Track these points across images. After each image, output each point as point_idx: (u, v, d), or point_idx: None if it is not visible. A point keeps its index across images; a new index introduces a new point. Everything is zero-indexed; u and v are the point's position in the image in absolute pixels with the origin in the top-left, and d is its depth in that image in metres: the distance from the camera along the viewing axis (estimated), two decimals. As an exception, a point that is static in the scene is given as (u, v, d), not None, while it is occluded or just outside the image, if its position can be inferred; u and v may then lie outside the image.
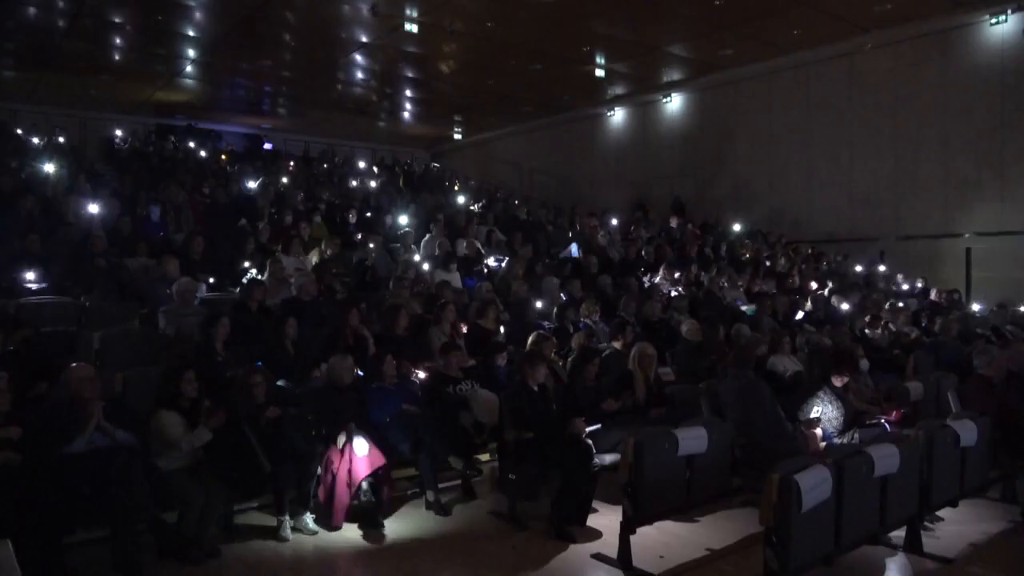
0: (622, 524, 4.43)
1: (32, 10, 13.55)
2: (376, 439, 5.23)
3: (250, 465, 4.73)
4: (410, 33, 13.91)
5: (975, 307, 11.85)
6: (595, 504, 5.16)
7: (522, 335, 7.14)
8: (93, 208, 7.80)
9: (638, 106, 19.77)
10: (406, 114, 22.05)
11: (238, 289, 7.36)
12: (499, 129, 23.52)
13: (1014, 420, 5.54)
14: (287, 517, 4.85)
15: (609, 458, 5.18)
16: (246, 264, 8.18)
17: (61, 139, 17.11)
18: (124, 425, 4.43)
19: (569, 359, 6.80)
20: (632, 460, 4.31)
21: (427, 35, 14.34)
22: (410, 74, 17.67)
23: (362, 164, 20.30)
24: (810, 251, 14.25)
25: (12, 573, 2.24)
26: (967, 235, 13.27)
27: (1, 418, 4.06)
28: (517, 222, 13.65)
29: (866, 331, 8.97)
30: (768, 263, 12.87)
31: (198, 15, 13.75)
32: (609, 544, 4.61)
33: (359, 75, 17.87)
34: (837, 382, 5.61)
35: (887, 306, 10.37)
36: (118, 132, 19.07)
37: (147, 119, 20.90)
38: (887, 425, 5.63)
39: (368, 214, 12.36)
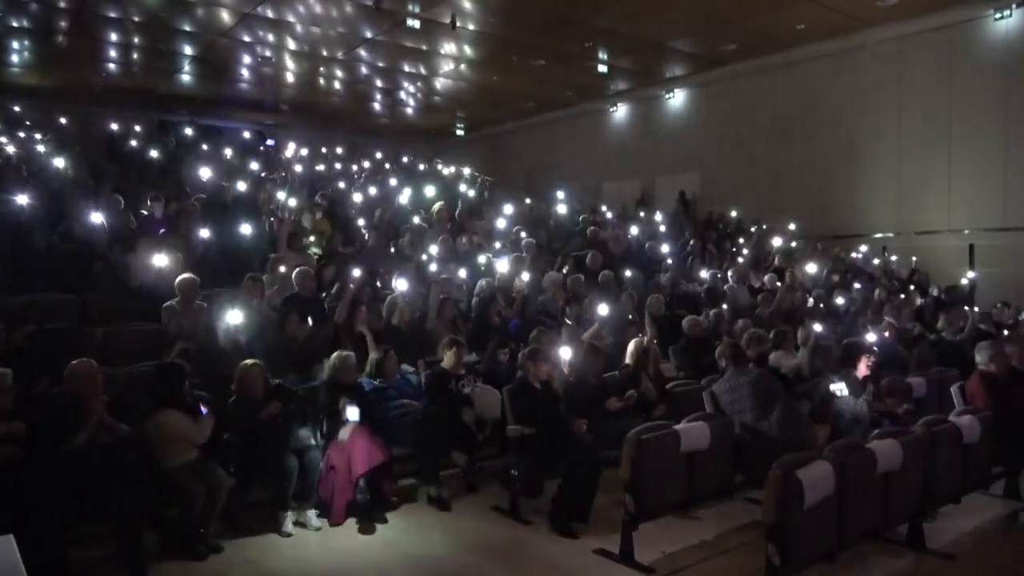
0: (624, 520, 4.44)
1: (37, 7, 13.57)
2: (378, 435, 5.25)
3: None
4: (413, 28, 13.90)
5: (977, 304, 11.82)
6: (597, 500, 5.17)
7: (525, 331, 7.14)
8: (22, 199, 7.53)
9: (641, 102, 19.74)
10: (409, 110, 22.03)
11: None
12: (502, 125, 23.50)
13: (1017, 416, 5.52)
14: (289, 512, 4.87)
15: (612, 453, 5.18)
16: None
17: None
18: (127, 421, 4.43)
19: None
20: (634, 456, 4.31)
21: (430, 30, 14.32)
22: (413, 70, 17.64)
23: (364, 160, 20.28)
24: (814, 246, 14.22)
25: (16, 569, 2.24)
26: (971, 231, 13.24)
27: (4, 414, 4.06)
28: (520, 218, 13.63)
29: (869, 327, 8.95)
30: (772, 258, 12.82)
31: (200, 12, 13.75)
32: (611, 540, 4.60)
33: (362, 70, 17.85)
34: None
35: (890, 302, 10.35)
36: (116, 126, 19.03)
37: (149, 115, 20.91)
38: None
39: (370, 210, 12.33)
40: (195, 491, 4.35)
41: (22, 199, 7.37)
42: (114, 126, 18.81)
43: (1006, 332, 9.78)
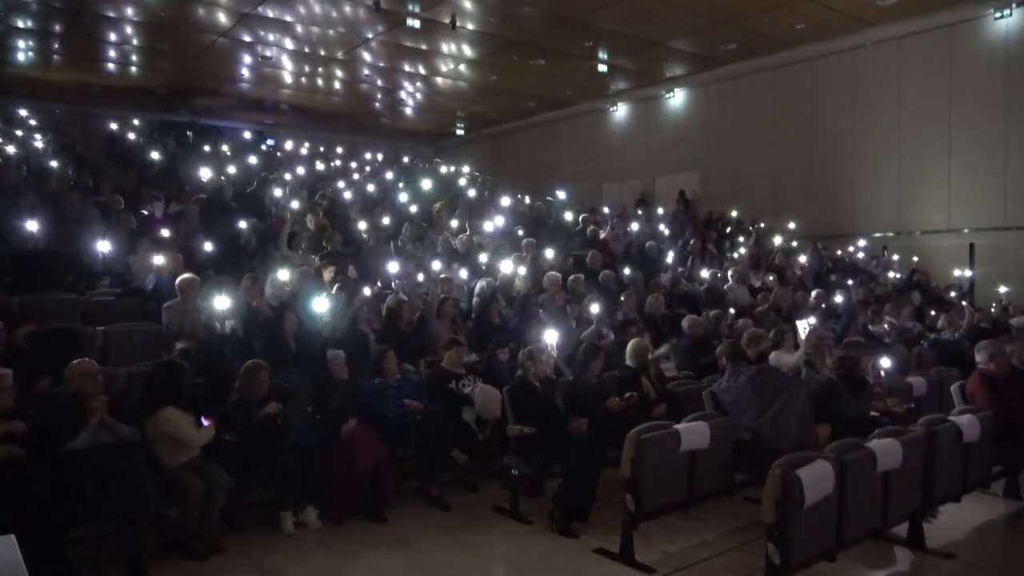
0: (624, 519, 4.44)
1: (38, 7, 13.57)
2: (378, 434, 5.26)
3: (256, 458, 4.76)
4: (413, 28, 13.90)
5: (978, 303, 11.82)
6: (597, 500, 5.17)
7: (524, 331, 7.14)
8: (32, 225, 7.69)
9: (641, 101, 19.74)
10: (409, 109, 22.03)
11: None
12: (502, 125, 23.51)
13: (1017, 415, 5.52)
14: (290, 511, 4.87)
15: (612, 453, 5.18)
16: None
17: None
18: (127, 421, 4.44)
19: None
20: (634, 455, 4.32)
21: (430, 30, 14.32)
22: (413, 69, 17.64)
23: (366, 157, 20.32)
24: (814, 245, 14.22)
25: (18, 569, 2.24)
26: (971, 230, 13.24)
27: (5, 414, 4.07)
28: (520, 217, 13.63)
29: (869, 326, 8.96)
30: (771, 258, 12.84)
31: (200, 12, 13.75)
32: (611, 539, 4.61)
33: (363, 70, 17.85)
34: None
35: (890, 301, 10.35)
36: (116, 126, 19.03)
37: (150, 115, 20.92)
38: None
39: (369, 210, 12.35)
40: (194, 490, 4.36)
41: (31, 226, 7.44)
42: (114, 126, 18.85)
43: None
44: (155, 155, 14.93)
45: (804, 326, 6.62)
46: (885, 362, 6.17)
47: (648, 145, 19.57)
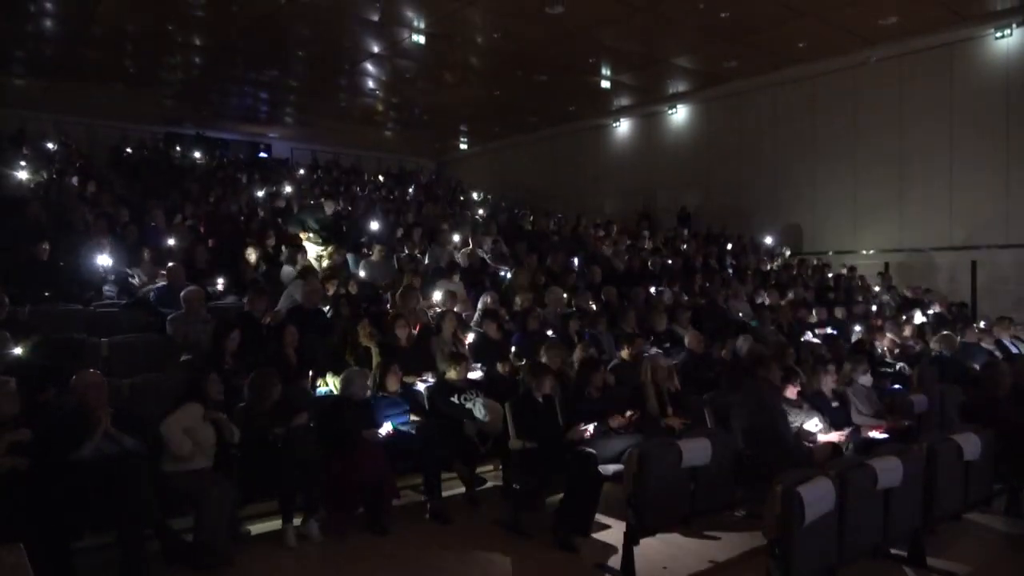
0: (625, 535, 4.44)
1: (46, 19, 13.69)
2: (380, 448, 5.27)
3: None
4: (417, 44, 14.01)
5: (981, 321, 11.83)
6: (598, 515, 5.17)
7: (527, 345, 7.16)
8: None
9: (644, 117, 19.85)
10: (413, 123, 22.13)
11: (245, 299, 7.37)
12: (505, 139, 23.62)
13: (1018, 434, 5.53)
14: (292, 524, 4.87)
15: (613, 468, 5.19)
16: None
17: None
18: (132, 432, 4.46)
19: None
20: (636, 471, 4.33)
21: (434, 45, 14.43)
22: (417, 84, 17.74)
23: (368, 173, 20.41)
24: (815, 263, 14.26)
25: (27, 577, 2.27)
26: (973, 248, 13.27)
27: (10, 423, 4.09)
28: (522, 232, 13.68)
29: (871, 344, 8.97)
30: (772, 275, 12.87)
31: (207, 24, 13.85)
32: (612, 555, 4.61)
33: (367, 84, 17.96)
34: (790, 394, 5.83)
35: (891, 319, 10.37)
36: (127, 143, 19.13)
37: (155, 127, 21.05)
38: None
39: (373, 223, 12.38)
40: (203, 498, 4.36)
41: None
42: (120, 137, 18.96)
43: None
44: (161, 166, 15.03)
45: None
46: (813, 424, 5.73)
47: (650, 161, 19.65)
